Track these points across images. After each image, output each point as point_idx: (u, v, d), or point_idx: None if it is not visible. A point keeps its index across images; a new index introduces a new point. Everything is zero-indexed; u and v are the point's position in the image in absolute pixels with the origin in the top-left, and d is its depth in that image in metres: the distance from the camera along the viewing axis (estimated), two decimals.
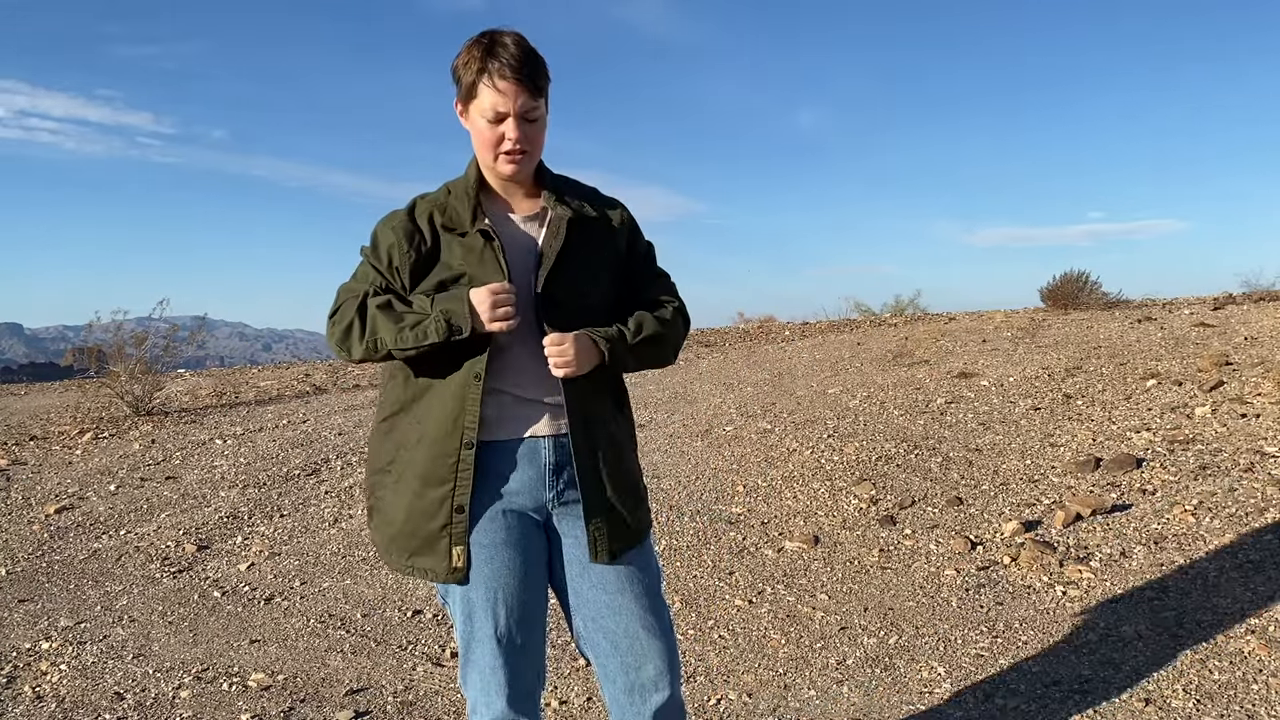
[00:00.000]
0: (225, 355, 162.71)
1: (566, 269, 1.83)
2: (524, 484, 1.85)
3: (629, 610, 1.86)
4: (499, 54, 1.73)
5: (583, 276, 1.85)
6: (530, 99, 1.75)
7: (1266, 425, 4.88)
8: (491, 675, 1.84)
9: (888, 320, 12.43)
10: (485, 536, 1.83)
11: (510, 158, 1.79)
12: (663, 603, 1.93)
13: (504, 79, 1.72)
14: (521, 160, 1.80)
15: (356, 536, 4.91)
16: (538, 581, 1.88)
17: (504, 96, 1.73)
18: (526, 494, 1.85)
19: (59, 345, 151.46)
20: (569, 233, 1.84)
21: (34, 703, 3.16)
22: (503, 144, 1.77)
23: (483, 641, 1.84)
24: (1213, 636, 3.06)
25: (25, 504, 5.83)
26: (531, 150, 1.81)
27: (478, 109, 1.77)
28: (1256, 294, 10.14)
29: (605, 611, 1.86)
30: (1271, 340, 6.75)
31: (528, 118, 1.76)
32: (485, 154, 1.82)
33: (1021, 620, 3.37)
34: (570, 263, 1.84)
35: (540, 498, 1.86)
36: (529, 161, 1.83)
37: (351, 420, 7.69)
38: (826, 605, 3.65)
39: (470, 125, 1.82)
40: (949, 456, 5.18)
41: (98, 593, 4.33)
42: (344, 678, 3.29)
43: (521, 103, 1.74)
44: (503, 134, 1.77)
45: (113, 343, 8.65)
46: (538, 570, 1.88)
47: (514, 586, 1.83)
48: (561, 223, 1.84)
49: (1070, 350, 7.45)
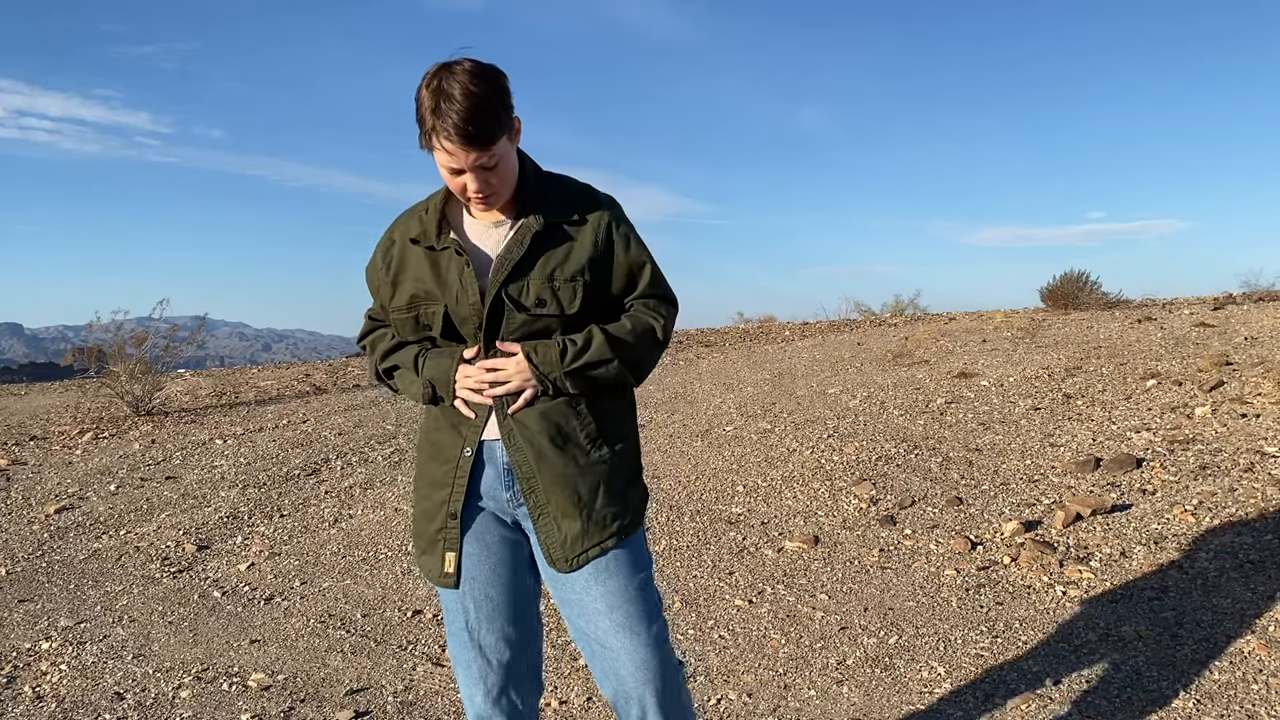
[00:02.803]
0: (225, 355, 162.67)
1: (522, 278, 1.79)
2: (489, 486, 1.87)
3: (600, 616, 1.83)
4: (444, 113, 1.64)
5: (542, 287, 1.79)
6: (481, 153, 1.69)
7: (1266, 425, 4.88)
8: (465, 671, 1.92)
9: (888, 320, 12.43)
10: (466, 537, 1.89)
11: (478, 202, 1.78)
12: (643, 607, 1.84)
13: (450, 141, 1.66)
14: (489, 200, 1.78)
15: (356, 536, 4.91)
16: (509, 582, 1.89)
17: (454, 157, 1.69)
18: (490, 496, 1.88)
19: (59, 345, 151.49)
20: (533, 243, 1.80)
21: (34, 702, 3.16)
22: (465, 192, 1.76)
23: (454, 637, 1.92)
24: (1213, 636, 3.06)
25: (25, 504, 5.83)
26: (498, 189, 1.77)
27: (436, 159, 1.74)
28: (1256, 294, 10.15)
29: (579, 616, 1.86)
30: (1271, 340, 6.75)
31: (485, 166, 1.71)
32: (455, 192, 1.80)
33: (1021, 620, 3.37)
34: (526, 272, 1.79)
35: (500, 499, 1.87)
36: (498, 199, 1.80)
37: (351, 420, 7.69)
38: (826, 605, 3.65)
39: (437, 164, 1.79)
40: (949, 456, 5.18)
41: (98, 593, 4.33)
42: (344, 678, 3.29)
43: (474, 159, 1.69)
44: (464, 184, 1.74)
45: (113, 343, 8.66)
46: (508, 570, 1.89)
47: (480, 584, 1.87)
48: (527, 233, 1.80)
49: (1070, 350, 7.45)
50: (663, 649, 1.85)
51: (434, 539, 1.89)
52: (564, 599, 1.87)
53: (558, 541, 1.82)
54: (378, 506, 5.36)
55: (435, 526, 1.88)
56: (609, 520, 1.83)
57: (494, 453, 1.85)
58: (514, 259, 1.79)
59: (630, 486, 1.89)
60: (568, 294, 1.80)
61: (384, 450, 6.58)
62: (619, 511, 1.84)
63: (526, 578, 1.92)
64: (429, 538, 1.90)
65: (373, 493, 5.63)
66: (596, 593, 1.82)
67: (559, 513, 1.82)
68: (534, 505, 1.83)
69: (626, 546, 1.85)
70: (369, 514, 5.25)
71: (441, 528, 1.87)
